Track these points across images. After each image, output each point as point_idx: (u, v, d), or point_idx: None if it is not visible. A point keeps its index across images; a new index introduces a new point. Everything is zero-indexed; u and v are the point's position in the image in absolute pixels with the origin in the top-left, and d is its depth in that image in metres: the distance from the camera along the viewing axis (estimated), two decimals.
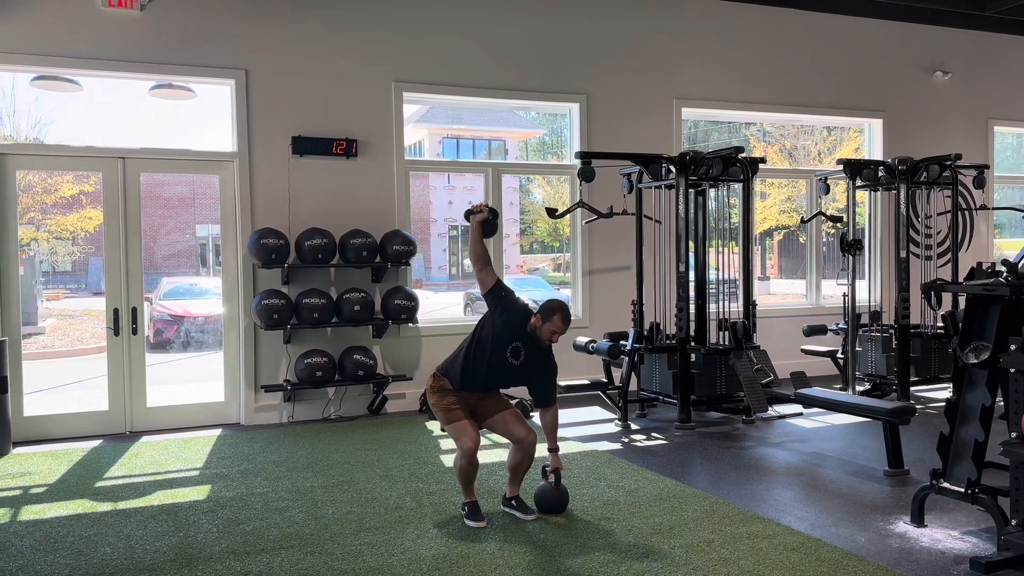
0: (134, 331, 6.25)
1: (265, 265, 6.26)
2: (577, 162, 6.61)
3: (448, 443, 5.81)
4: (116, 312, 6.21)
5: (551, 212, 6.62)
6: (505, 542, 3.82)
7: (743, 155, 6.32)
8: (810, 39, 8.53)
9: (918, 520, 4.01)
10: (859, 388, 7.13)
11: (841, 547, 3.71)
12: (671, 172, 6.44)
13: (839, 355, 7.46)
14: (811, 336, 7.74)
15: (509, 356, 4.02)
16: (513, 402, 4.35)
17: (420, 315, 6.78)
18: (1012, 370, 3.52)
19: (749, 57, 8.25)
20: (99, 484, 4.88)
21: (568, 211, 6.83)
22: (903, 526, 4.00)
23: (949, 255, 7.41)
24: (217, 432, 6.24)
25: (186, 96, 6.67)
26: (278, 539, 3.90)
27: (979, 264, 4.25)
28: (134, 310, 6.25)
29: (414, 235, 6.81)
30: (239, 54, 6.45)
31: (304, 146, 6.59)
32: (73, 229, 11.46)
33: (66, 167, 7.21)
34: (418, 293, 6.82)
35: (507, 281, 4.68)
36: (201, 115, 7.02)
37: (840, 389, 7.06)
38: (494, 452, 5.33)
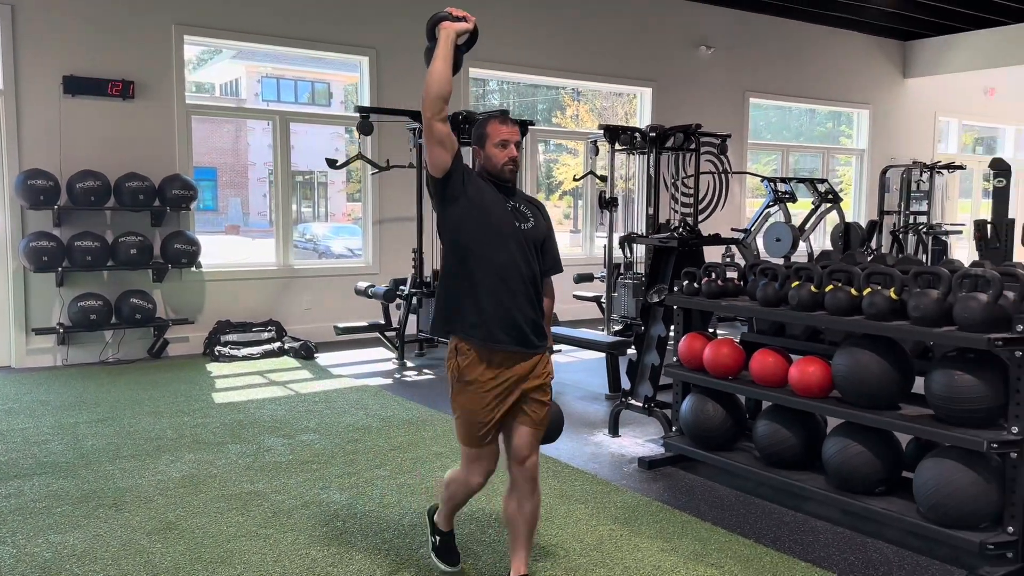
0: None
1: (33, 207, 6.18)
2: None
3: (223, 382, 6.11)
4: None
5: (331, 163, 6.94)
6: (254, 461, 4.25)
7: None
8: (590, 9, 9.23)
9: (614, 431, 4.83)
10: (615, 328, 8.06)
11: (542, 453, 4.43)
12: None
13: (603, 300, 8.37)
14: (580, 283, 8.61)
15: (520, 224, 2.72)
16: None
17: (223, 260, 6.89)
18: (675, 307, 4.34)
19: (536, 23, 8.84)
20: None
21: (347, 163, 7.18)
22: (601, 437, 4.81)
23: (700, 213, 8.46)
24: None
25: None
26: (32, 467, 4.11)
27: (679, 221, 5.07)
28: None
29: (234, 180, 6.98)
30: None
31: (77, 85, 6.48)
32: None
33: None
34: (235, 239, 6.95)
35: (332, 228, 3.68)
36: None
37: (601, 330, 7.96)
38: None
